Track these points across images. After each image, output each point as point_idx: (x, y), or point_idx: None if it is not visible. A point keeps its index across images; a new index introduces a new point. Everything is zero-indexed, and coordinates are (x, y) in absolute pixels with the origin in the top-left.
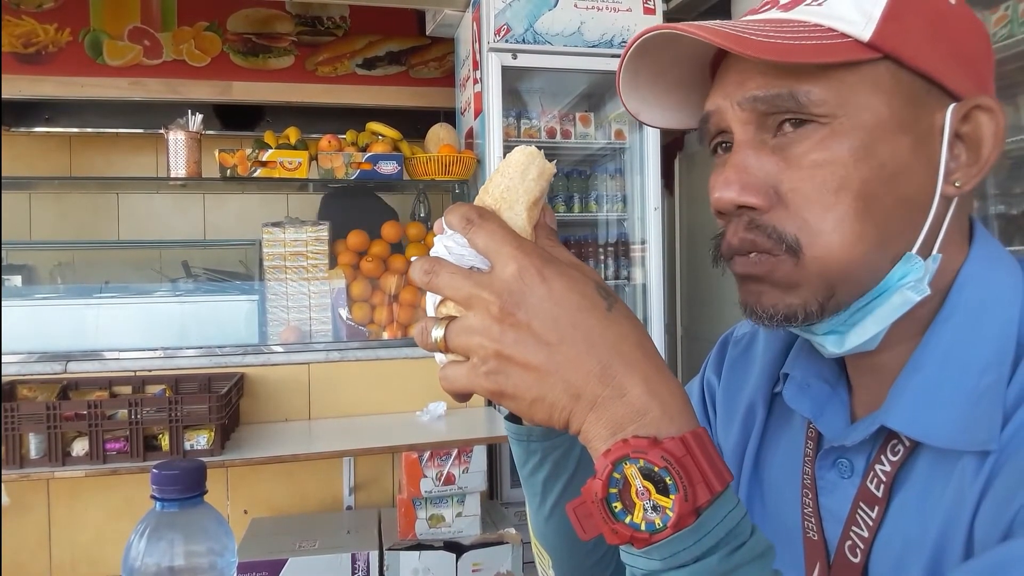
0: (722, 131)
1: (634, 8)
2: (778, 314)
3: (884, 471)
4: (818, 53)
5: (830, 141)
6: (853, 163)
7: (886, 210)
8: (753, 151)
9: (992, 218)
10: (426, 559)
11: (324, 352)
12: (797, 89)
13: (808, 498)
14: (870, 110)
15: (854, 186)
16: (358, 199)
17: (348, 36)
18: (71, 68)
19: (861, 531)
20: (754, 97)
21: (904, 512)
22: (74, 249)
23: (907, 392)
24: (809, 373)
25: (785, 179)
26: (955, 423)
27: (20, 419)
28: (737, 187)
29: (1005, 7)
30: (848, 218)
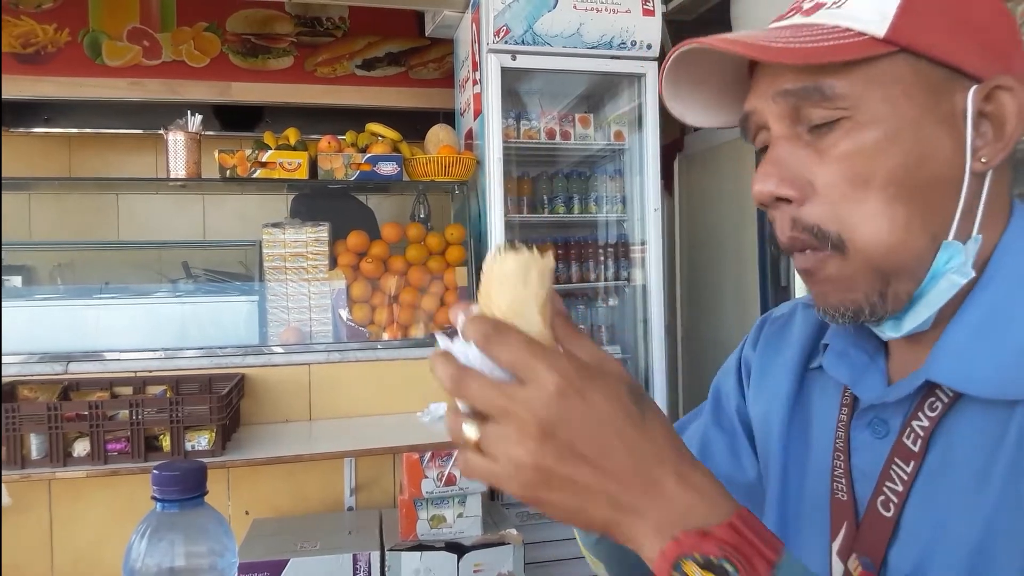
0: (761, 128)
1: (633, 9)
2: (847, 310)
3: (922, 426)
4: (833, 53)
5: (855, 132)
6: (878, 152)
7: (917, 196)
8: (789, 144)
9: None
10: (427, 560)
11: (324, 353)
12: (822, 82)
13: (840, 460)
14: (890, 101)
15: (881, 174)
16: (330, 200)
17: (347, 37)
18: (70, 68)
19: (895, 485)
20: (785, 91)
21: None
22: (74, 250)
23: (951, 347)
24: (848, 343)
25: (818, 171)
26: (1001, 373)
27: (21, 420)
28: (775, 180)
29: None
30: (881, 206)
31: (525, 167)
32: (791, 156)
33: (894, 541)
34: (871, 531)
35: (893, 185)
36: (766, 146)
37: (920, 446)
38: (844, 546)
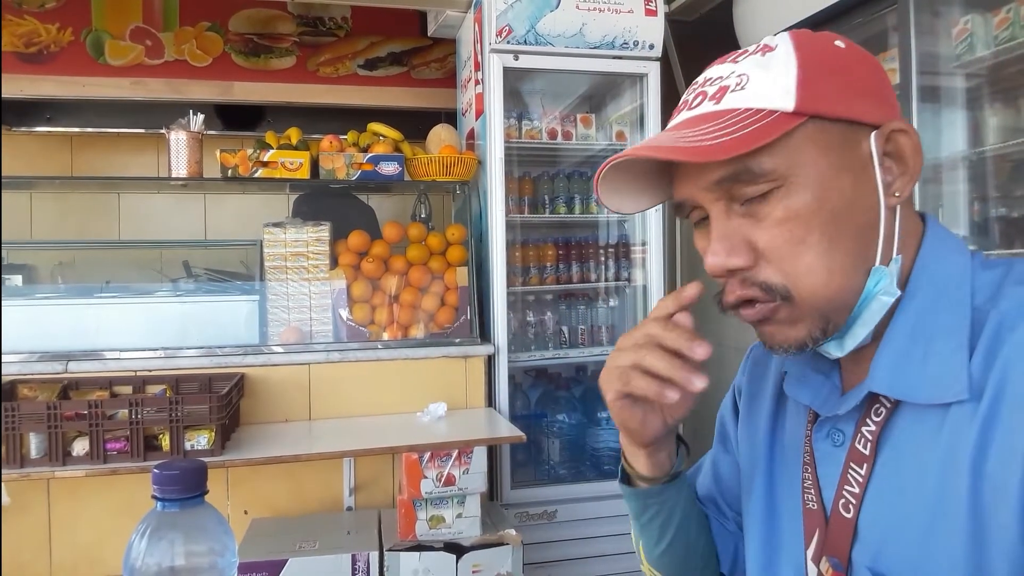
0: (695, 207)
1: (636, 9)
2: (791, 346)
3: (870, 431)
4: (758, 137)
5: (787, 199)
6: (810, 212)
7: (847, 240)
8: (728, 220)
9: (993, 221)
10: (426, 560)
11: (325, 352)
12: (751, 164)
13: (808, 472)
14: (811, 164)
15: (816, 231)
16: (332, 200)
17: (350, 37)
18: (73, 68)
19: (852, 488)
20: (719, 179)
21: (895, 465)
22: (75, 249)
23: (885, 361)
24: (805, 367)
25: (760, 238)
26: (931, 380)
27: (20, 419)
28: (723, 255)
29: (1007, 10)
30: (819, 258)
31: (526, 167)
32: (733, 230)
33: (856, 540)
34: (836, 533)
35: (826, 237)
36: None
37: (870, 449)
38: (816, 551)
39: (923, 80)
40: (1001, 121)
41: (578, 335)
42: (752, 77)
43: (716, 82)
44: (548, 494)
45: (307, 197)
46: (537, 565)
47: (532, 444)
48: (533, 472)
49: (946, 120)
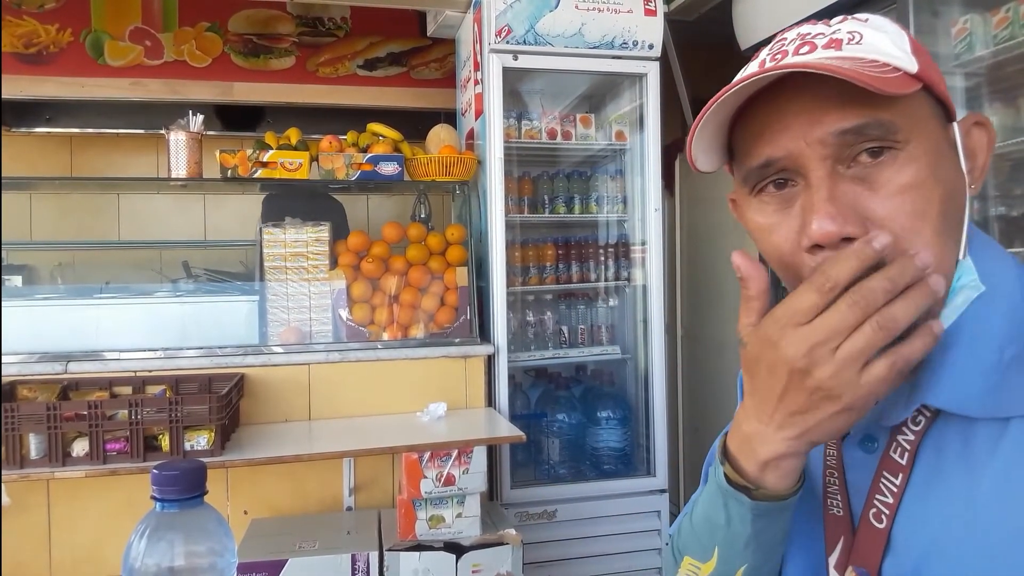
0: (784, 171)
1: (635, 9)
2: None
3: (907, 440)
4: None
5: (910, 165)
6: (932, 184)
7: (953, 222)
8: (836, 184)
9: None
10: (426, 560)
11: (324, 353)
12: (881, 118)
13: (834, 477)
14: (929, 134)
15: (936, 205)
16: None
17: (349, 37)
18: (72, 68)
19: (885, 497)
20: (841, 130)
21: (937, 479)
22: (74, 249)
23: (938, 373)
24: None
25: (877, 207)
26: (987, 393)
27: (20, 419)
28: (839, 220)
29: (1006, 9)
30: (933, 235)
31: (526, 167)
32: (843, 194)
33: (888, 552)
34: (865, 543)
35: (941, 215)
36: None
37: (907, 459)
38: (841, 559)
39: None
40: (1000, 120)
41: (578, 335)
42: (866, 35)
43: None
44: (548, 494)
45: (274, 197)
46: (537, 565)
47: (532, 444)
48: (533, 472)
49: None
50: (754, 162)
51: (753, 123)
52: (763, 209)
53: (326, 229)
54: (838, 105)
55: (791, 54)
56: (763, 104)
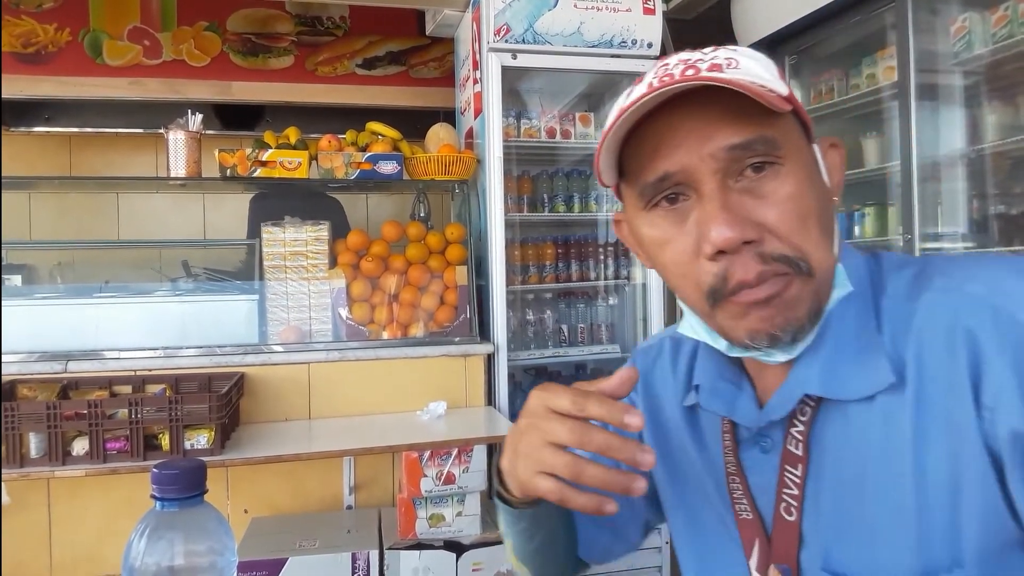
0: (678, 185)
1: (634, 8)
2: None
3: (799, 432)
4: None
5: (790, 178)
6: (809, 194)
7: (827, 224)
8: (728, 196)
9: (992, 218)
10: (426, 558)
11: (324, 352)
12: (766, 134)
13: (736, 483)
14: (801, 151)
15: (814, 211)
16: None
17: (348, 36)
18: (71, 68)
19: (791, 490)
20: (731, 145)
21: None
22: (74, 249)
23: (814, 364)
24: (715, 377)
25: (767, 214)
26: (856, 375)
27: (20, 418)
28: (737, 227)
29: (1005, 7)
30: (819, 235)
31: (525, 166)
32: (736, 205)
33: (802, 544)
34: (781, 539)
35: (819, 218)
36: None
37: (803, 449)
38: (761, 560)
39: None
40: (999, 118)
41: (577, 333)
42: (741, 62)
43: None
44: None
45: (262, 196)
46: None
47: None
48: None
49: (944, 118)
50: (651, 177)
51: (647, 141)
52: (658, 223)
53: (325, 228)
54: (729, 122)
55: (677, 76)
56: (655, 123)
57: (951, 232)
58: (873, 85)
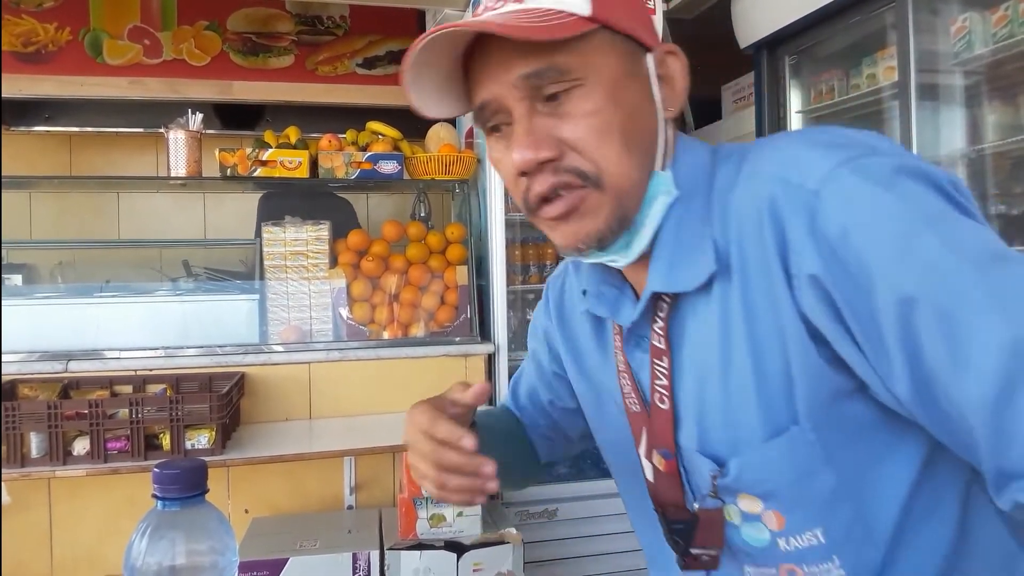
0: (497, 113)
1: None
2: (591, 238)
3: (659, 327)
4: (562, 30)
5: (588, 98)
6: (612, 111)
7: (638, 140)
8: (533, 119)
9: (992, 218)
10: (427, 559)
11: (325, 351)
12: (556, 61)
13: (625, 379)
14: (606, 67)
15: (616, 126)
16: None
17: (348, 36)
18: (71, 67)
19: (661, 380)
20: (524, 75)
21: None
22: (75, 248)
23: (658, 262)
24: (599, 283)
25: (565, 131)
26: (690, 268)
27: (21, 418)
28: (534, 148)
29: (1005, 7)
30: (621, 150)
31: None
32: (539, 126)
33: (677, 427)
34: (658, 425)
35: (623, 134)
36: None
37: (664, 343)
38: (647, 447)
39: (922, 78)
40: (1000, 119)
41: None
42: None
43: None
44: (549, 492)
45: (272, 196)
46: (538, 563)
47: None
48: None
49: (945, 118)
50: (475, 106)
51: (471, 72)
52: (493, 146)
53: (326, 228)
54: (521, 54)
55: (488, 9)
56: (477, 54)
57: None
58: (873, 85)
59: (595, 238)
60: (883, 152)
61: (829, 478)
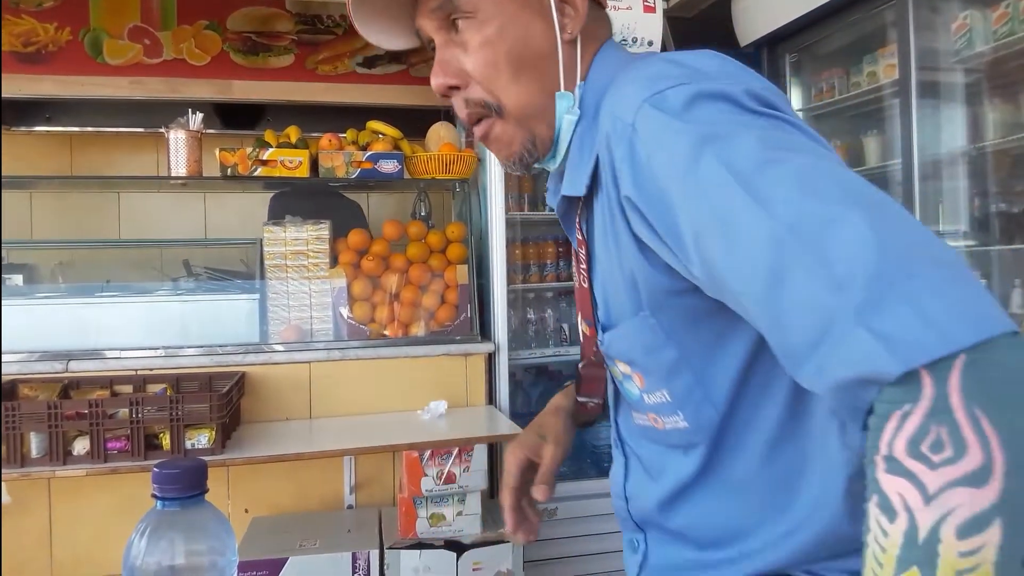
0: (431, 43)
1: (634, 6)
2: (514, 160)
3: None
4: None
5: (480, 30)
6: (500, 41)
7: (530, 65)
8: (447, 47)
9: (993, 216)
10: (427, 558)
11: (325, 351)
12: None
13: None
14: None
15: (506, 55)
16: (312, 199)
17: (348, 35)
18: (71, 67)
19: (583, 264)
20: (432, 8)
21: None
22: (75, 248)
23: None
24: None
25: (467, 63)
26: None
27: (21, 418)
28: (442, 75)
29: (1006, 5)
30: (511, 80)
31: None
32: (450, 55)
33: (595, 305)
34: (582, 301)
35: (514, 62)
36: None
37: (581, 234)
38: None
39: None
40: (1001, 116)
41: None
42: None
43: None
44: None
45: (283, 196)
46: (538, 563)
47: None
48: None
49: (946, 115)
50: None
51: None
52: None
53: (326, 227)
54: None
55: None
56: None
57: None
58: (874, 83)
59: (515, 160)
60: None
61: (671, 352)
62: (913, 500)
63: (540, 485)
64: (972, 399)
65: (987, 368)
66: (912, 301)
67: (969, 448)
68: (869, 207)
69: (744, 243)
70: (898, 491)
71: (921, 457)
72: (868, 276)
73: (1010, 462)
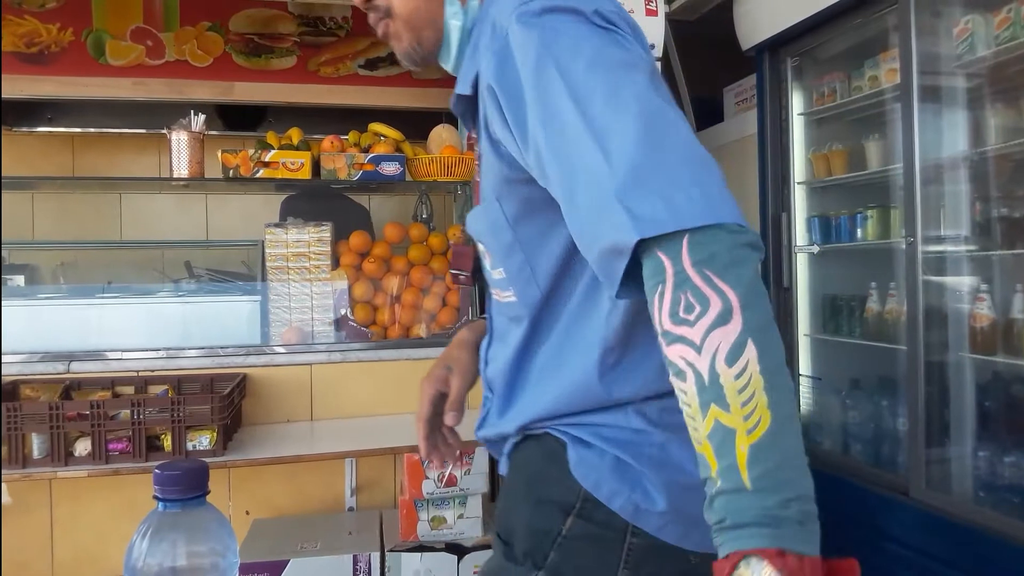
0: None
1: (636, 9)
2: (405, 58)
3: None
4: None
5: None
6: None
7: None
8: None
9: (995, 221)
10: (428, 561)
11: (326, 353)
12: None
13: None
14: None
15: None
16: (324, 201)
17: (350, 37)
18: (73, 68)
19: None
20: None
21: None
22: (77, 249)
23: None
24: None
25: None
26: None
27: (23, 419)
28: None
29: (1008, 9)
30: None
31: None
32: None
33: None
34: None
35: None
36: None
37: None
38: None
39: (924, 80)
40: (1002, 121)
41: None
42: None
43: None
44: None
45: (294, 198)
46: None
47: None
48: None
49: (947, 120)
50: None
51: None
52: None
53: (328, 229)
54: None
55: None
56: None
57: (954, 235)
58: (875, 87)
59: (406, 57)
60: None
61: (508, 235)
62: (690, 356)
63: (450, 412)
64: (701, 264)
65: (708, 243)
66: (659, 190)
67: (711, 300)
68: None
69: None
70: (679, 355)
71: (681, 321)
72: (632, 167)
73: (742, 297)
